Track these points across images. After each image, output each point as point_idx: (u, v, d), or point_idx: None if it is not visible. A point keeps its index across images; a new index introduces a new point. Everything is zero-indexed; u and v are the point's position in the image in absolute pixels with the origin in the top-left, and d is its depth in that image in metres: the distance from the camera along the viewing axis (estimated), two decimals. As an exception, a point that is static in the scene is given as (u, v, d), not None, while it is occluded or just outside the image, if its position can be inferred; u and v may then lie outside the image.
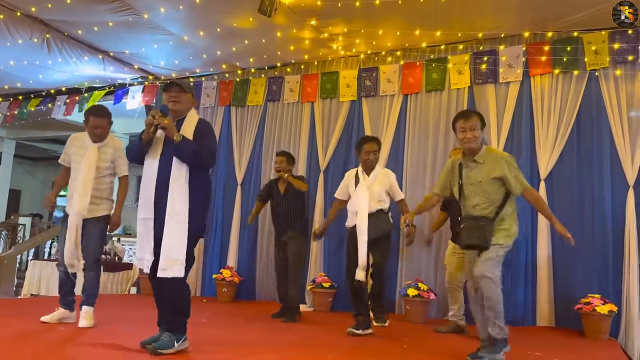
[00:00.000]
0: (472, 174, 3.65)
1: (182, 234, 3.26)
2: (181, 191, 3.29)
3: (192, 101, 3.55)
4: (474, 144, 3.62)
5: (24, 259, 9.85)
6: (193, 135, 3.38)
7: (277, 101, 7.25)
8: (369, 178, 4.64)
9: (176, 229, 3.26)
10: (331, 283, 6.24)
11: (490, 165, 3.60)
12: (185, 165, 3.32)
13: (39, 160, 15.01)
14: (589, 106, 5.55)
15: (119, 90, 8.15)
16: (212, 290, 6.99)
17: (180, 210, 3.27)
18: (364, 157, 4.68)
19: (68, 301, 4.42)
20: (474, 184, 3.62)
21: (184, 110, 3.49)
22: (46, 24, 6.32)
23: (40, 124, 9.78)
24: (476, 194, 3.61)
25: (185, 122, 3.44)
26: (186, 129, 3.39)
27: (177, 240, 3.25)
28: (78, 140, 4.51)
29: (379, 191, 4.61)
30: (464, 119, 3.67)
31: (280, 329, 4.75)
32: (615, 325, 5.03)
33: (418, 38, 6.11)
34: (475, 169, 3.64)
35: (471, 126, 3.62)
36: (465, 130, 3.63)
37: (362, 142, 4.76)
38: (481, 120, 3.70)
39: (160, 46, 6.68)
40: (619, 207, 5.26)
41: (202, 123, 3.51)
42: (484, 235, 3.51)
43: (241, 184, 7.28)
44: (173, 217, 3.27)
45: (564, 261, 5.42)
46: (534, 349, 4.20)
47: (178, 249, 3.25)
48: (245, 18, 5.75)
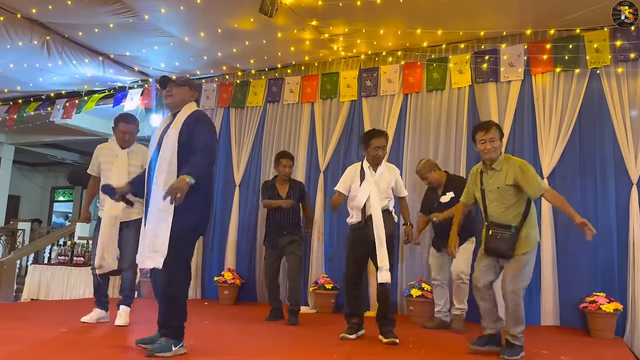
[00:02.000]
0: (491, 181, 3.87)
1: (164, 226, 3.15)
2: (164, 180, 3.19)
3: (189, 94, 3.48)
4: (493, 154, 3.84)
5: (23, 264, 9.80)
6: (184, 125, 3.30)
7: (277, 102, 7.23)
8: (376, 174, 4.33)
9: (157, 220, 3.18)
10: (333, 284, 6.21)
11: (507, 173, 3.80)
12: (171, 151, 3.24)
13: (38, 166, 14.96)
14: (591, 104, 5.54)
15: (119, 94, 8.13)
16: (213, 292, 6.95)
17: (160, 199, 3.13)
18: (372, 153, 4.31)
19: (103, 302, 4.64)
20: (492, 191, 3.85)
21: (180, 102, 3.44)
22: (46, 27, 6.29)
23: (39, 128, 9.74)
24: (495, 200, 3.84)
25: (179, 114, 3.39)
26: (179, 120, 3.35)
27: (157, 232, 3.16)
28: (105, 148, 4.75)
29: (385, 188, 4.35)
30: (484, 131, 3.86)
31: (283, 331, 4.71)
32: (621, 323, 5.00)
33: (419, 38, 6.10)
34: (494, 177, 3.85)
35: (491, 138, 3.82)
36: (485, 142, 3.84)
37: (371, 137, 4.37)
38: (499, 131, 3.90)
39: (160, 48, 6.66)
40: (623, 204, 5.24)
41: (196, 114, 3.40)
42: (510, 246, 3.71)
43: (239, 185, 7.26)
44: (154, 206, 3.20)
45: (568, 260, 5.40)
46: (540, 347, 4.18)
47: (157, 241, 3.15)
48: (246, 19, 5.73)
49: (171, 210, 3.15)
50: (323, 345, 4.06)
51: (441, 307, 5.16)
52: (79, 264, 7.63)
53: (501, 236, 3.74)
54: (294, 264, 5.27)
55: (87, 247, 7.89)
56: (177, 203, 3.06)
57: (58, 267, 7.70)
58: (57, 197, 15.78)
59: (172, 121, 3.39)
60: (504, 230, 3.74)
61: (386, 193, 4.37)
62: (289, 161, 5.52)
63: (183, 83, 3.49)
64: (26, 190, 14.89)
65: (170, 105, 3.47)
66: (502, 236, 3.74)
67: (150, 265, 3.17)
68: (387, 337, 4.16)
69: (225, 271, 6.82)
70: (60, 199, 15.76)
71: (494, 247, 3.77)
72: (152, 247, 3.17)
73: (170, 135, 3.30)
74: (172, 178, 3.18)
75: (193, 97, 3.52)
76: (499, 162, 3.85)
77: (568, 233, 5.41)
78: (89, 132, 10.04)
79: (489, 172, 3.88)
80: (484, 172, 3.92)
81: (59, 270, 7.64)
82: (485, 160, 3.91)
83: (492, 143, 3.81)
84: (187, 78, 3.74)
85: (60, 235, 9.27)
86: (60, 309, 5.81)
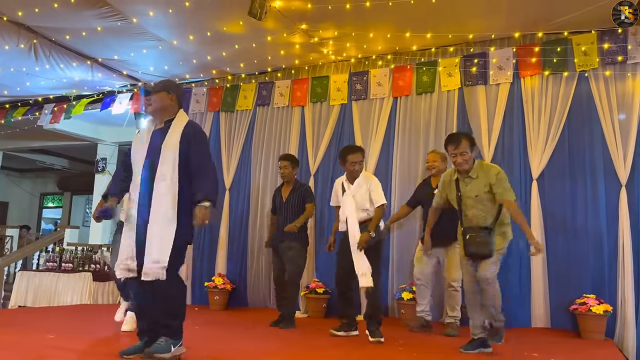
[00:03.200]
0: (468, 188, 3.98)
1: (168, 236, 3.14)
2: (167, 191, 3.18)
3: (167, 97, 3.38)
4: (465, 166, 3.95)
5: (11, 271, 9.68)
6: (181, 139, 3.27)
7: (267, 105, 7.21)
8: (352, 187, 4.66)
9: (160, 231, 3.14)
10: (325, 289, 6.17)
11: (483, 179, 3.93)
12: (172, 166, 3.22)
13: (26, 172, 14.81)
14: (580, 107, 5.57)
15: (108, 98, 8.08)
16: (203, 298, 6.90)
17: (164, 210, 3.16)
18: (349, 168, 4.66)
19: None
20: (471, 197, 3.95)
21: (160, 109, 3.38)
22: (33, 30, 6.23)
23: (27, 134, 9.66)
24: (474, 207, 3.94)
25: (173, 125, 3.35)
26: (174, 132, 3.30)
27: (161, 242, 3.13)
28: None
29: (361, 200, 4.61)
30: (454, 146, 3.95)
31: (275, 336, 4.68)
32: (611, 325, 5.01)
33: (408, 41, 6.11)
34: (471, 184, 3.97)
35: (461, 151, 3.92)
36: (456, 155, 3.94)
37: (346, 153, 4.69)
38: (470, 142, 3.98)
39: (149, 52, 6.62)
40: (612, 206, 5.26)
41: (191, 127, 3.37)
42: (489, 248, 3.83)
43: (229, 189, 7.22)
44: (156, 217, 3.16)
45: (558, 262, 5.40)
46: (530, 350, 4.16)
47: (161, 252, 3.12)
48: (236, 22, 5.71)
49: (175, 221, 3.15)
50: (313, 349, 4.04)
51: (424, 307, 5.12)
52: (67, 270, 7.55)
53: (481, 239, 3.84)
54: (290, 274, 5.24)
55: (75, 253, 7.82)
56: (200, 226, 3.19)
57: (46, 273, 7.60)
58: (46, 203, 15.63)
59: (167, 129, 3.33)
60: (483, 233, 3.85)
61: (362, 204, 4.63)
62: (284, 162, 5.48)
63: (159, 89, 3.41)
64: (14, 196, 14.73)
65: (153, 114, 3.42)
66: (481, 239, 3.84)
67: (152, 277, 3.10)
68: (373, 336, 4.36)
69: (215, 276, 6.77)
70: (49, 205, 15.62)
71: (476, 251, 3.86)
72: (152, 259, 3.12)
73: (169, 144, 3.26)
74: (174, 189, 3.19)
75: (173, 100, 3.42)
76: (474, 170, 3.97)
77: (558, 235, 5.43)
78: (77, 137, 9.95)
79: (465, 179, 3.99)
80: (460, 179, 4.03)
81: (47, 276, 7.54)
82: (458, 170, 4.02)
83: (463, 156, 3.92)
84: (165, 81, 3.60)
85: (49, 241, 9.18)
86: (47, 315, 5.73)
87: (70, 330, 4.44)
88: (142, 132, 3.42)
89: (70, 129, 9.42)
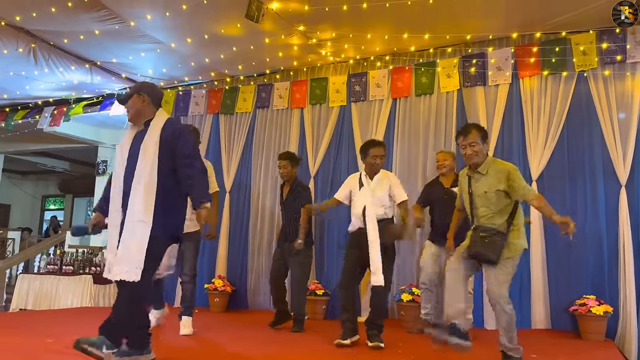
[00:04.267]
0: (478, 185, 3.73)
1: (140, 236, 3.06)
2: (143, 191, 3.11)
3: (139, 100, 3.34)
4: (475, 159, 3.70)
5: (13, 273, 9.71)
6: (160, 139, 3.21)
7: (267, 108, 7.21)
8: (372, 182, 4.48)
9: (133, 230, 3.08)
10: (324, 290, 6.17)
11: (494, 177, 3.65)
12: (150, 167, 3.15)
13: (28, 174, 14.85)
14: (579, 107, 5.55)
15: (107, 100, 8.09)
16: (203, 300, 6.89)
17: (139, 209, 3.09)
18: (370, 162, 4.48)
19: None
20: (480, 195, 3.70)
21: (136, 113, 3.35)
22: (32, 34, 6.24)
23: (28, 136, 9.68)
24: (482, 205, 3.69)
25: (151, 126, 3.28)
26: (151, 133, 3.24)
27: (133, 242, 3.06)
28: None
29: (382, 195, 4.44)
30: (463, 136, 3.74)
31: (275, 339, 4.67)
32: (611, 326, 4.99)
33: (406, 42, 6.10)
34: (480, 180, 3.71)
35: (471, 142, 3.69)
36: (466, 147, 3.71)
37: (369, 146, 4.54)
38: (481, 133, 3.73)
39: (147, 54, 6.62)
40: (612, 206, 5.25)
41: (169, 125, 3.29)
42: (497, 253, 3.55)
43: (229, 191, 7.22)
44: (131, 217, 3.10)
45: (558, 262, 5.39)
46: (530, 351, 4.14)
47: (133, 251, 3.04)
48: (233, 24, 5.71)
49: (148, 219, 3.09)
50: (313, 352, 4.03)
51: (428, 311, 4.98)
52: (68, 273, 7.55)
53: (489, 240, 3.55)
54: (297, 277, 5.21)
55: (76, 256, 7.83)
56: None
57: (47, 276, 7.61)
58: (48, 206, 15.68)
59: (146, 131, 3.28)
60: (492, 234, 3.57)
61: (382, 201, 4.44)
62: (283, 162, 5.37)
63: (131, 93, 3.38)
64: (16, 198, 14.78)
65: (132, 120, 3.38)
66: (490, 240, 3.56)
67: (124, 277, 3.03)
68: (372, 340, 4.22)
69: (215, 278, 6.77)
70: (51, 207, 15.66)
71: (479, 251, 3.59)
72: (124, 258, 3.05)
73: (148, 146, 3.20)
74: (151, 189, 3.12)
75: (144, 101, 3.35)
76: (485, 165, 3.70)
77: (557, 236, 5.40)
78: (78, 140, 9.97)
79: (475, 175, 3.74)
80: (471, 176, 3.79)
81: (47, 279, 7.55)
82: (469, 164, 3.79)
83: (473, 147, 3.68)
84: (136, 84, 3.55)
85: (50, 244, 9.19)
86: (47, 319, 5.74)
87: (69, 334, 4.41)
88: (124, 138, 3.39)
89: (71, 131, 9.44)
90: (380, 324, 4.31)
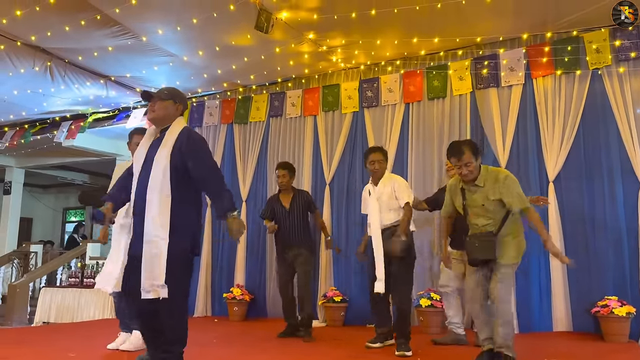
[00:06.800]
0: (474, 197, 3.76)
1: (161, 253, 2.94)
2: (160, 205, 2.98)
3: (173, 107, 3.21)
4: (471, 176, 3.72)
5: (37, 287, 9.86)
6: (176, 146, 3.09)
7: (280, 116, 7.24)
8: (377, 189, 4.60)
9: (155, 247, 2.94)
10: (342, 297, 6.16)
11: (490, 188, 3.69)
12: (163, 179, 3.01)
13: (48, 188, 15.11)
14: (594, 105, 5.48)
15: (123, 114, 8.21)
16: (223, 309, 6.94)
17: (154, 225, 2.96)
18: (369, 167, 4.67)
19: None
20: (477, 207, 3.74)
21: (163, 117, 3.19)
22: (47, 52, 6.36)
23: (46, 151, 9.85)
24: (480, 215, 3.74)
25: (168, 133, 3.16)
26: (166, 143, 3.12)
27: (156, 260, 2.93)
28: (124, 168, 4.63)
29: (387, 200, 4.52)
30: (457, 158, 3.71)
31: (294, 348, 4.68)
32: (635, 327, 4.90)
33: (416, 46, 6.09)
34: (477, 193, 3.74)
35: (466, 163, 3.69)
36: (461, 167, 3.71)
37: (367, 153, 4.76)
38: (473, 150, 3.72)
39: (160, 68, 6.71)
40: (631, 205, 5.16)
41: (187, 133, 3.17)
42: (493, 250, 3.61)
43: (246, 200, 7.26)
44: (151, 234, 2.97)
45: (578, 264, 5.28)
46: (551, 355, 4.10)
47: (157, 270, 2.92)
48: (243, 35, 5.76)
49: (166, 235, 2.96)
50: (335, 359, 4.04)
51: (452, 318, 4.82)
52: (90, 286, 7.65)
53: (481, 242, 3.65)
54: (302, 281, 5.25)
55: (96, 268, 7.93)
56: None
57: (69, 289, 7.73)
58: (69, 218, 15.93)
59: (162, 139, 3.16)
60: (486, 236, 3.66)
61: (390, 205, 4.53)
62: (282, 171, 5.44)
63: (166, 96, 3.23)
64: (38, 212, 15.04)
65: (154, 121, 3.23)
66: (482, 242, 3.65)
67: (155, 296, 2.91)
68: (398, 349, 4.23)
69: (234, 287, 6.81)
70: (71, 219, 15.90)
71: (475, 256, 3.67)
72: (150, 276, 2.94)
73: (161, 156, 3.08)
74: (165, 200, 3.00)
75: (178, 111, 3.25)
76: (481, 177, 3.72)
77: (577, 237, 5.35)
78: (95, 153, 10.13)
79: (472, 188, 3.76)
80: (466, 188, 3.79)
81: (69, 292, 7.67)
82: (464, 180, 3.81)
83: (468, 167, 3.68)
84: (173, 89, 3.38)
85: (72, 256, 9.31)
86: (69, 332, 5.82)
87: (90, 349, 4.50)
88: (141, 145, 3.26)
89: (89, 145, 9.59)
90: (407, 331, 4.32)
